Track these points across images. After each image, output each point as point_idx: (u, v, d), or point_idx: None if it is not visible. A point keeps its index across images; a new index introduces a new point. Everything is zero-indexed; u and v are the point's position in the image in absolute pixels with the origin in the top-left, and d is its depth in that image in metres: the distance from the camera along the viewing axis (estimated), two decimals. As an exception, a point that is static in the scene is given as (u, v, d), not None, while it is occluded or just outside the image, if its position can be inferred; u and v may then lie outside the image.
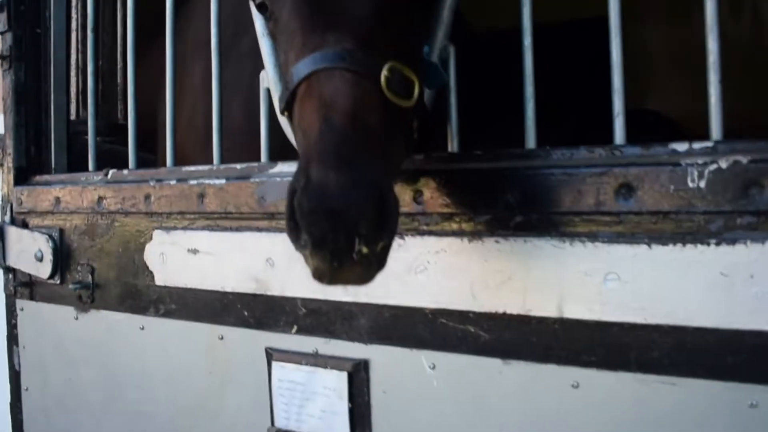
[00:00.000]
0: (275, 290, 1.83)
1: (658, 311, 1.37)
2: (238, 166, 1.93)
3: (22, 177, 2.51)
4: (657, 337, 1.38)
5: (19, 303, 2.48)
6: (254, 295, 1.87)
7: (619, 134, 1.47)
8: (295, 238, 1.27)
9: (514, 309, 1.51)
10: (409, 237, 1.63)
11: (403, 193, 1.62)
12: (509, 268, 1.51)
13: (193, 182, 1.98)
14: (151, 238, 2.08)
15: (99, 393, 2.25)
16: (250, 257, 1.87)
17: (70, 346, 2.33)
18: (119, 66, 2.83)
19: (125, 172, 2.20)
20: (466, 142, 1.68)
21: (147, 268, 2.09)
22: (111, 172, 2.23)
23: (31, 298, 2.44)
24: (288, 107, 1.43)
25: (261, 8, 1.57)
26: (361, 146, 1.26)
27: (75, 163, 2.56)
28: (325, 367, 1.76)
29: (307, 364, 1.79)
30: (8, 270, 2.51)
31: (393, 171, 1.43)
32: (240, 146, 2.18)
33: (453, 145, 1.68)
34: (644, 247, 1.38)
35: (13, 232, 2.46)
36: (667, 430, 1.38)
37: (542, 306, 1.48)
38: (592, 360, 1.44)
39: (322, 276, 1.26)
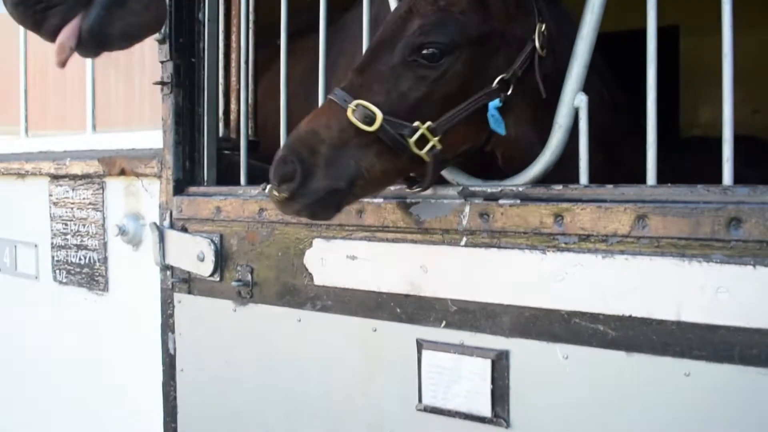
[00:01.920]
0: (427, 292, 2.23)
1: (759, 317, 1.76)
2: (392, 187, 2.33)
3: (179, 188, 2.93)
4: (757, 337, 1.77)
5: (177, 296, 2.90)
6: (407, 295, 2.27)
7: (727, 176, 1.86)
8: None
9: (638, 312, 1.91)
10: (551, 252, 2.02)
11: (546, 217, 2.02)
12: (636, 280, 1.91)
13: (352, 200, 2.38)
14: (310, 245, 2.48)
15: (254, 374, 2.66)
16: (404, 264, 2.27)
17: (227, 334, 2.74)
18: (251, 87, 3.21)
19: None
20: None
21: (306, 269, 2.49)
22: (269, 186, 2.63)
23: (189, 292, 2.86)
24: None
25: None
26: (305, 145, 1.98)
27: (221, 176, 2.98)
28: (471, 355, 2.16)
29: (454, 352, 2.19)
30: (166, 268, 2.93)
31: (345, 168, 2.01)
32: None
33: (583, 179, 2.08)
34: (750, 267, 1.77)
35: (172, 236, 2.88)
36: (763, 410, 1.77)
37: (663, 311, 1.87)
38: (702, 354, 1.83)
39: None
